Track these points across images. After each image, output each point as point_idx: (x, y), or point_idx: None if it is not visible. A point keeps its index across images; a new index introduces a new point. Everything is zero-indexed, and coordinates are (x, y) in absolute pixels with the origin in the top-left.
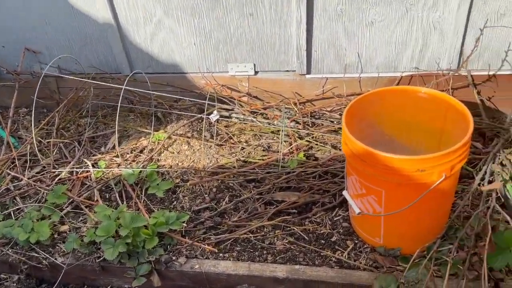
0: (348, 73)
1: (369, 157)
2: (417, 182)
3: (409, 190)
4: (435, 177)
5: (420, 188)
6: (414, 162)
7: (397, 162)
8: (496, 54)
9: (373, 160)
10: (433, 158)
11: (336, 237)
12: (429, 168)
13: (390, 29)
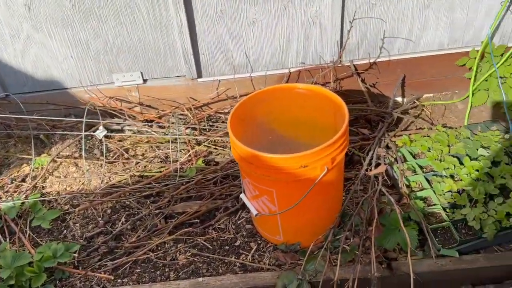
0: (239, 74)
1: (255, 159)
2: (303, 177)
3: (297, 187)
4: (319, 171)
5: (307, 183)
6: (296, 159)
7: (281, 161)
8: (373, 43)
9: (259, 162)
10: (312, 154)
11: (240, 241)
12: (311, 163)
13: (272, 27)
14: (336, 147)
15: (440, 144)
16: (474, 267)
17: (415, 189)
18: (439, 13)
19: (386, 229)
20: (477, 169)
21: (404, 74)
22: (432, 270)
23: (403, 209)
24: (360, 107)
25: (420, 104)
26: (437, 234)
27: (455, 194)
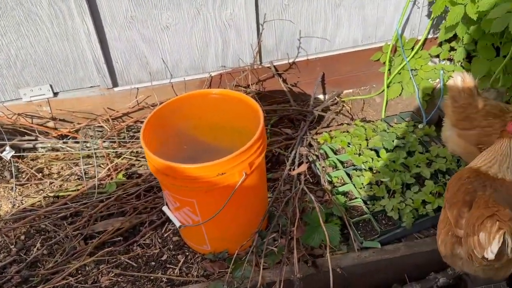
0: (158, 80)
1: (170, 170)
2: (222, 185)
3: (217, 195)
4: (237, 177)
5: (227, 190)
6: (212, 167)
7: (197, 170)
8: (291, 43)
9: (175, 173)
10: (228, 161)
11: (167, 255)
12: (229, 170)
13: (187, 31)
14: (253, 151)
15: (358, 138)
16: (396, 256)
17: (337, 184)
18: (350, 11)
19: (310, 227)
20: (393, 160)
21: (323, 72)
22: (356, 263)
23: (327, 205)
24: (282, 107)
25: (340, 100)
26: (359, 227)
27: (374, 186)
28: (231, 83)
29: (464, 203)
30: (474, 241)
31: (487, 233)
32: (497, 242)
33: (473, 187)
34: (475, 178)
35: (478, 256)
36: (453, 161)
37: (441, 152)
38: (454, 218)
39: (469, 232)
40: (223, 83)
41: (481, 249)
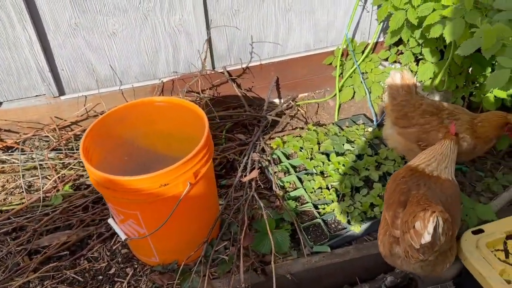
0: (107, 87)
1: (111, 183)
2: (166, 196)
3: (162, 206)
4: (182, 188)
5: (171, 200)
6: (153, 179)
7: (137, 183)
8: (243, 48)
9: (115, 186)
10: (170, 171)
11: (115, 268)
12: (172, 180)
13: (135, 37)
14: (197, 160)
15: (310, 143)
16: (346, 260)
17: (289, 189)
18: (301, 16)
19: (260, 234)
20: (343, 163)
21: (277, 77)
22: (306, 268)
23: (278, 210)
24: (236, 113)
25: (295, 104)
26: (310, 232)
27: (324, 191)
28: (183, 89)
29: (399, 203)
30: (410, 234)
31: (422, 220)
32: (431, 223)
33: (408, 187)
34: (410, 177)
35: (414, 250)
36: (401, 163)
37: (390, 154)
38: (390, 219)
39: (404, 229)
40: (176, 90)
41: (418, 237)
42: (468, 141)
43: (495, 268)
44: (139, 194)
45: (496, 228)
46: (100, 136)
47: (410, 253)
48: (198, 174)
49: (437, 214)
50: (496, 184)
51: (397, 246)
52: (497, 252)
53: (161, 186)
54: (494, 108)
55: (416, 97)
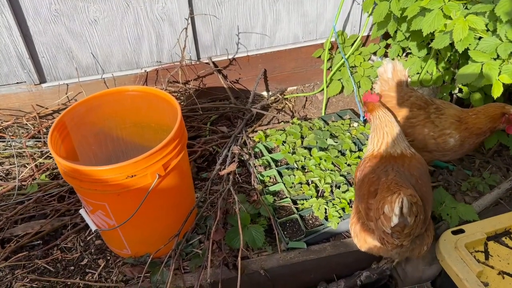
0: (89, 76)
1: (76, 173)
2: (134, 188)
3: (130, 198)
4: (150, 179)
5: (140, 192)
6: (119, 169)
7: (103, 173)
8: (229, 39)
9: (81, 176)
10: (136, 163)
11: (87, 259)
12: (139, 172)
13: (117, 25)
14: (167, 152)
15: (293, 137)
16: (322, 257)
17: (268, 184)
18: (289, 6)
19: (234, 229)
20: (324, 159)
21: (265, 69)
22: (281, 264)
23: (255, 205)
24: (220, 105)
25: (283, 97)
26: (286, 227)
27: (304, 186)
28: (166, 79)
29: (370, 194)
30: (381, 220)
31: (389, 204)
32: (397, 204)
33: (376, 175)
34: (377, 164)
35: (389, 236)
36: None
37: None
38: (364, 212)
39: (376, 215)
40: (160, 80)
41: (388, 220)
42: (454, 137)
43: (472, 270)
44: (106, 185)
45: (477, 229)
46: (73, 125)
47: (386, 239)
48: (168, 166)
49: (403, 195)
50: (482, 184)
51: (373, 235)
52: (477, 254)
53: (128, 178)
54: (481, 104)
55: (406, 89)
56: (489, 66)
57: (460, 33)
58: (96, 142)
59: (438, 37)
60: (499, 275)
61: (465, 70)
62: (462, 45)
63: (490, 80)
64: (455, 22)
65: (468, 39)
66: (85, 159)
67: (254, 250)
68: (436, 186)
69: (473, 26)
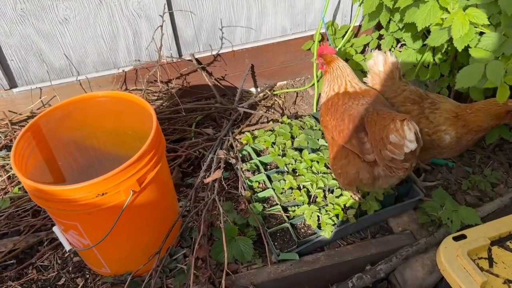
0: (64, 78)
1: (41, 193)
2: (106, 206)
3: (103, 217)
4: (124, 196)
5: (113, 210)
6: (87, 188)
7: (70, 192)
8: (212, 34)
9: (46, 195)
10: (106, 180)
11: (65, 278)
12: (110, 189)
13: (90, 23)
14: (141, 166)
15: (283, 137)
16: (316, 268)
17: (257, 189)
18: None
19: (220, 242)
20: (317, 161)
21: (252, 64)
22: (272, 278)
23: (243, 214)
24: (204, 105)
25: (272, 94)
26: (277, 237)
27: (295, 191)
28: (144, 79)
29: (357, 129)
30: (389, 149)
31: (396, 131)
32: (408, 129)
33: (356, 110)
34: (349, 102)
35: (399, 162)
36: None
37: None
38: (358, 148)
39: (381, 147)
40: (140, 79)
41: (400, 148)
42: (449, 133)
43: (476, 281)
44: (74, 204)
45: (479, 234)
46: (39, 137)
47: (394, 166)
48: (144, 180)
49: (408, 120)
50: (484, 182)
51: (375, 167)
52: (480, 261)
53: (98, 196)
54: (482, 98)
55: (399, 82)
56: (493, 66)
57: (460, 29)
58: (67, 154)
59: (435, 33)
60: (505, 284)
61: (466, 71)
62: (462, 42)
63: (494, 82)
64: (454, 16)
65: (469, 35)
66: (56, 173)
67: (243, 263)
68: (436, 185)
69: (474, 20)
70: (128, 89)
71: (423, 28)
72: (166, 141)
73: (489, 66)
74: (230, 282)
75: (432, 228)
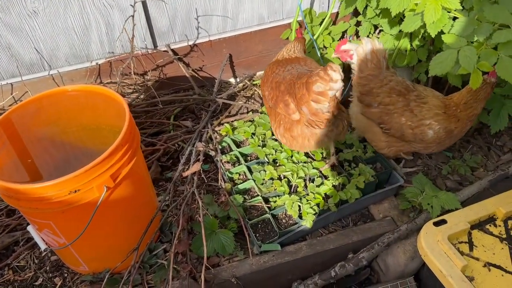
0: (36, 73)
1: (11, 192)
2: (80, 203)
3: (77, 214)
4: (97, 193)
5: (88, 207)
6: (58, 186)
7: (41, 190)
8: (188, 23)
9: (16, 194)
10: (77, 177)
11: (42, 278)
12: (82, 186)
13: (60, 15)
14: (114, 161)
15: (263, 128)
16: (298, 258)
17: (238, 181)
18: None
19: (200, 236)
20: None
21: (230, 54)
22: (254, 270)
23: (223, 207)
24: (182, 96)
25: (252, 83)
26: (258, 229)
27: (276, 182)
28: (118, 71)
29: (283, 93)
30: (315, 99)
31: (320, 79)
32: (332, 71)
33: (282, 76)
34: (277, 70)
35: (322, 112)
36: (359, 147)
37: (348, 138)
38: (284, 110)
39: (303, 102)
40: (114, 72)
41: (325, 95)
42: (434, 129)
43: (457, 265)
44: (46, 203)
45: (460, 218)
46: (11, 132)
47: (316, 118)
48: (118, 176)
49: (330, 65)
50: (464, 167)
51: (298, 126)
52: (461, 245)
53: (71, 193)
54: (460, 82)
55: (386, 72)
56: (466, 52)
57: (433, 14)
58: (43, 150)
59: (408, 19)
60: (485, 267)
61: (439, 58)
62: (435, 27)
63: (467, 68)
64: (426, 1)
65: (442, 21)
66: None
67: (225, 256)
68: (416, 171)
69: (446, 5)
70: (102, 82)
71: (397, 13)
72: (144, 135)
73: (462, 52)
74: (212, 276)
75: (413, 214)
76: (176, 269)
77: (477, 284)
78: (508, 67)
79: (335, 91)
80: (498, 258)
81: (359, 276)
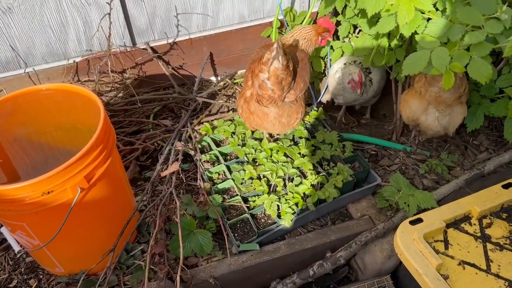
0: (11, 71)
1: None
2: (53, 205)
3: (51, 216)
4: (71, 194)
5: (61, 209)
6: (31, 187)
7: (13, 192)
8: (167, 21)
9: None
10: (50, 178)
11: (17, 280)
12: (56, 187)
13: (36, 12)
14: (89, 161)
15: (243, 127)
16: (277, 257)
17: (217, 181)
18: None
19: (178, 237)
20: (276, 150)
21: (211, 52)
22: (233, 270)
23: (202, 207)
24: (161, 95)
25: (233, 82)
26: (237, 229)
27: (255, 181)
28: (96, 69)
29: (249, 70)
30: (260, 69)
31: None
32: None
33: (255, 58)
34: (256, 53)
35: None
36: (338, 146)
37: (327, 137)
38: (244, 84)
39: (257, 71)
40: (92, 70)
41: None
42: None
43: (431, 263)
44: (19, 204)
45: (436, 217)
46: None
47: (262, 91)
48: (92, 177)
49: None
50: (441, 166)
51: (251, 101)
52: (436, 243)
53: (44, 195)
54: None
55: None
56: (438, 53)
57: (405, 15)
58: (20, 150)
59: (383, 19)
60: (460, 266)
61: (412, 58)
62: (408, 28)
63: (440, 69)
64: (399, 2)
65: (416, 22)
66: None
67: (203, 256)
68: (393, 170)
69: (419, 6)
70: (80, 81)
71: (373, 14)
72: (122, 134)
73: (434, 53)
74: (190, 277)
75: (390, 213)
76: (154, 270)
77: (452, 282)
78: (480, 68)
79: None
80: (472, 256)
81: (337, 275)
